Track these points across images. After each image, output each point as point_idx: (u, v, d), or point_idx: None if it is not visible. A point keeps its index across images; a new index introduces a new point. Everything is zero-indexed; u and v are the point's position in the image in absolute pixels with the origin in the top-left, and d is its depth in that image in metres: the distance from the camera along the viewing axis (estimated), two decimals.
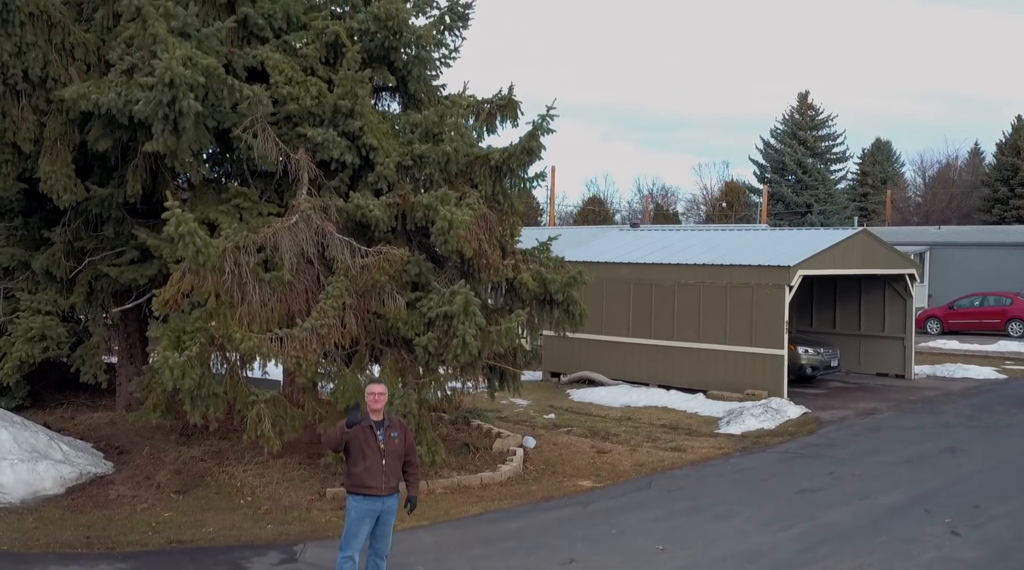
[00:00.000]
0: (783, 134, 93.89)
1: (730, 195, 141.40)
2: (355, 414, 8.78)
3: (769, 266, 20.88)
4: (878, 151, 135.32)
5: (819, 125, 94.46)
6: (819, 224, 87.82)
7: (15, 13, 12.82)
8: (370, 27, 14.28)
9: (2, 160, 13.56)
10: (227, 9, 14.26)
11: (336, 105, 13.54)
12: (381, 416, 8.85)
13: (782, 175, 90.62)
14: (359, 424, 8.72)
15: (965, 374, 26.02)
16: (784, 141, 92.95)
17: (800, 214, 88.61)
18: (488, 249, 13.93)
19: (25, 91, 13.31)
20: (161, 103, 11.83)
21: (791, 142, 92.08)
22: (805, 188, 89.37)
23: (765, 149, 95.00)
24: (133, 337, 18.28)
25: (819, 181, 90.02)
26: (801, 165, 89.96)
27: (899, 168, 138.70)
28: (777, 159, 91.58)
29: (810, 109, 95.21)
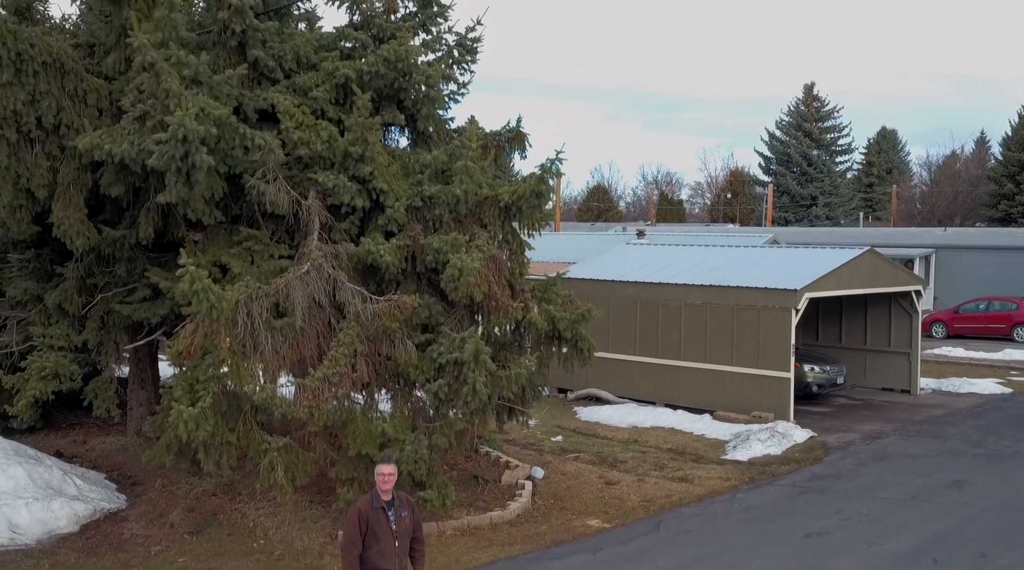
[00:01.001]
0: (788, 126, 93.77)
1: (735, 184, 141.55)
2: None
3: (776, 289, 20.96)
4: (884, 140, 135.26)
5: (824, 117, 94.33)
6: (824, 217, 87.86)
7: (29, 62, 12.91)
8: (380, 69, 14.35)
9: (16, 205, 13.66)
10: (238, 51, 14.33)
11: (347, 151, 13.64)
12: (391, 496, 8.97)
13: (787, 167, 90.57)
14: (372, 508, 8.85)
15: (971, 389, 26.10)
16: (789, 133, 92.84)
17: (805, 207, 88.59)
18: (497, 290, 14.02)
19: (39, 138, 13.40)
20: (174, 157, 11.93)
21: (796, 134, 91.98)
22: (810, 180, 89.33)
23: (770, 140, 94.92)
24: (144, 361, 18.45)
25: (824, 173, 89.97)
26: (806, 157, 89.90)
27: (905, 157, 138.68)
28: (782, 151, 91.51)
29: (815, 100, 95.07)
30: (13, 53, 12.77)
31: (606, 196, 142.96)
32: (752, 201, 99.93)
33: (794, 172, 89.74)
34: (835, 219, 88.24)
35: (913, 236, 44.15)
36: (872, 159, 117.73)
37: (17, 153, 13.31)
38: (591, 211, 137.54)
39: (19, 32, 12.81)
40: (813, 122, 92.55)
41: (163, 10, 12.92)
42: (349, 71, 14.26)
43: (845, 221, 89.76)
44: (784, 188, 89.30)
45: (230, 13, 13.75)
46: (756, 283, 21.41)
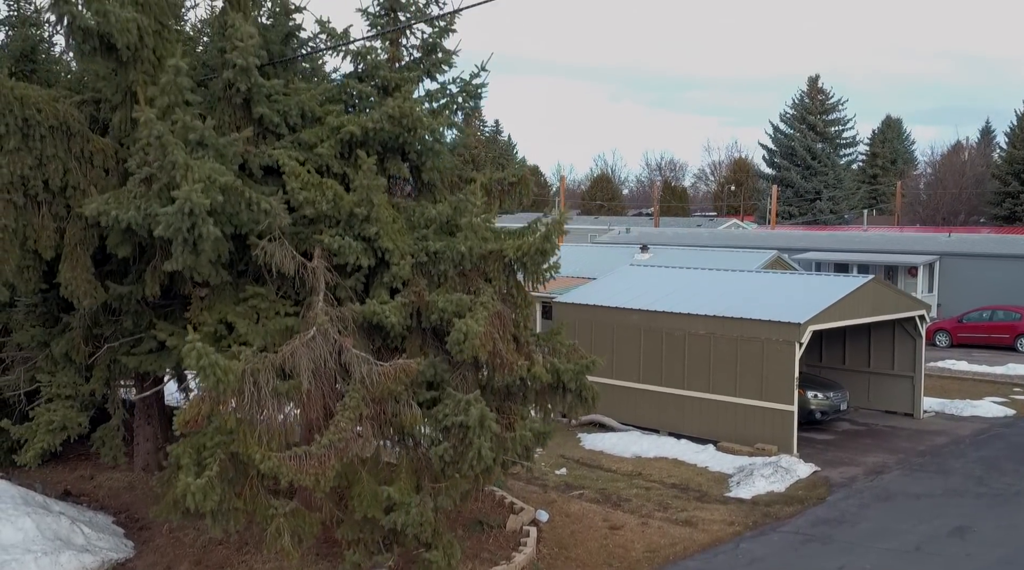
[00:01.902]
0: (792, 118, 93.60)
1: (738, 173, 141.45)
2: None
3: (779, 322, 21.00)
4: (888, 129, 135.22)
5: (829, 109, 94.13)
6: (829, 210, 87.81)
7: (36, 127, 12.96)
8: (384, 126, 14.36)
9: (24, 265, 13.72)
10: (243, 107, 14.36)
11: (352, 211, 13.67)
12: None
13: (791, 161, 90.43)
14: None
15: (973, 411, 26.16)
16: (793, 125, 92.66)
17: (809, 201, 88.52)
18: (502, 347, 14.06)
19: (45, 200, 13.47)
20: (180, 229, 11.97)
21: (800, 127, 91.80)
22: (815, 174, 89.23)
23: (774, 133, 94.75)
24: (150, 397, 18.57)
25: (828, 167, 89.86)
26: (810, 150, 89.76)
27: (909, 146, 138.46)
28: (786, 145, 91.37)
29: (820, 93, 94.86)
30: (20, 119, 12.82)
31: (609, 185, 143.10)
32: (756, 194, 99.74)
33: (798, 166, 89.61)
34: (839, 213, 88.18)
35: (917, 242, 44.12)
36: (876, 150, 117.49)
37: (24, 216, 13.38)
38: (595, 201, 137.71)
39: (26, 97, 12.85)
40: (817, 115, 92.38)
41: (169, 75, 12.93)
42: (354, 128, 14.27)
43: (849, 216, 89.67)
44: (788, 182, 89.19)
45: (235, 72, 13.76)
46: (760, 315, 21.44)
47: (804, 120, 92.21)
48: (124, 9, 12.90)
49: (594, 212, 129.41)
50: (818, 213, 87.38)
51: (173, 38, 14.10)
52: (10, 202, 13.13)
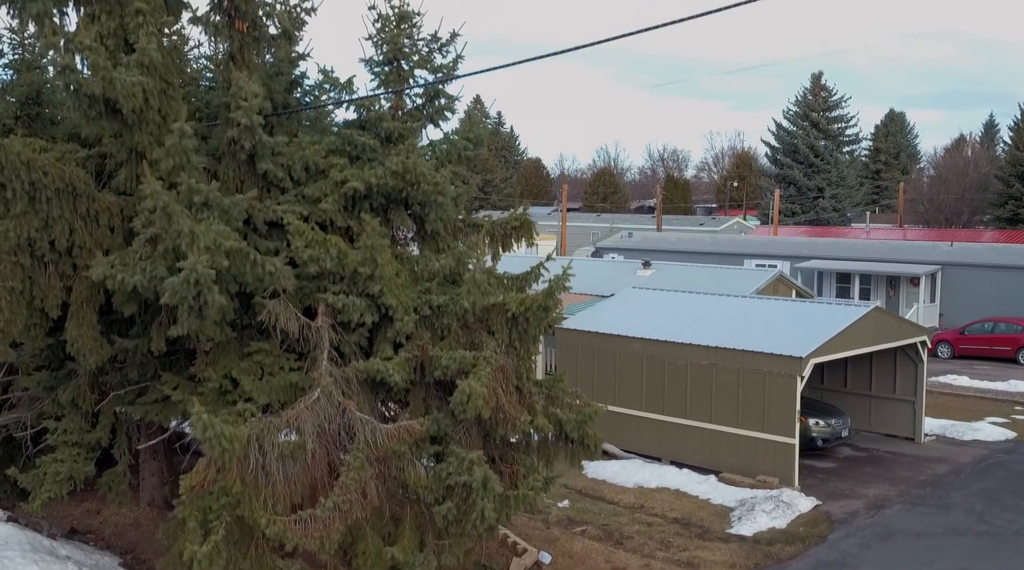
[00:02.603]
0: (795, 115, 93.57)
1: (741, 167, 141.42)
2: None
3: (781, 356, 21.10)
4: (892, 123, 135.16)
5: (832, 106, 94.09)
6: (831, 208, 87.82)
7: (42, 190, 13.04)
8: (388, 181, 14.46)
9: (31, 323, 13.82)
10: (247, 163, 14.46)
11: (356, 270, 13.77)
12: None
13: (794, 158, 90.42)
14: None
15: (974, 436, 26.28)
16: (796, 123, 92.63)
17: (812, 198, 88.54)
18: (505, 402, 14.17)
19: (52, 260, 13.54)
20: (186, 297, 12.07)
21: (803, 124, 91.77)
22: (817, 172, 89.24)
23: (778, 131, 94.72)
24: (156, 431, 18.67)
25: (831, 164, 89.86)
26: (813, 148, 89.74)
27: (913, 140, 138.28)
28: (789, 142, 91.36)
29: (823, 90, 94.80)
30: (27, 183, 12.90)
31: (612, 178, 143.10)
32: (759, 191, 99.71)
33: (801, 163, 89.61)
34: (841, 211, 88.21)
35: (919, 251, 44.17)
36: (880, 145, 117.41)
37: (31, 276, 13.46)
38: (597, 194, 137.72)
39: (33, 161, 12.92)
40: (820, 112, 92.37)
41: (174, 138, 13.01)
42: (358, 184, 14.37)
43: (852, 213, 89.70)
44: (791, 179, 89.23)
45: (239, 131, 13.86)
46: (761, 347, 21.54)
47: (807, 117, 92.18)
48: (130, 72, 12.95)
49: (596, 209, 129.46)
50: (820, 211, 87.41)
51: (178, 95, 14.14)
52: (17, 264, 13.22)
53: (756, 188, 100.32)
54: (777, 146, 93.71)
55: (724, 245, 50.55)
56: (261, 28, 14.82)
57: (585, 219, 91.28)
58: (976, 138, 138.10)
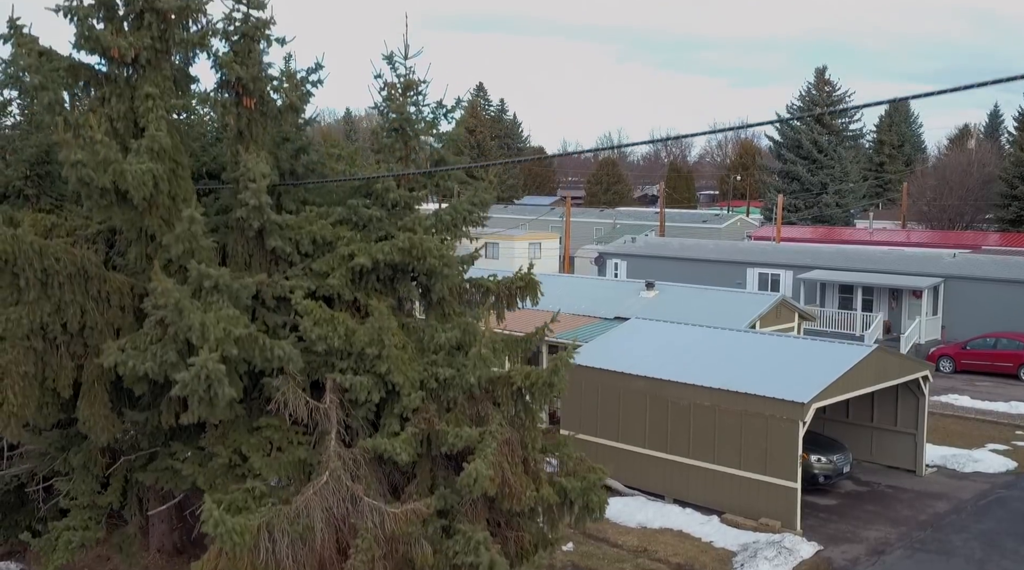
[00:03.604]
0: (799, 110, 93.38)
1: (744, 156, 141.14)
2: None
3: (783, 400, 21.28)
4: (896, 112, 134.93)
5: (836, 101, 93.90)
6: (834, 204, 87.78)
7: (54, 276, 13.23)
8: (395, 257, 14.64)
9: (43, 402, 14.02)
10: (256, 239, 14.64)
11: (364, 350, 13.96)
12: None
13: (798, 154, 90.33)
14: None
15: (975, 467, 26.48)
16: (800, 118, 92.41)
17: (815, 194, 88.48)
18: (511, 476, 14.39)
19: (63, 342, 13.75)
20: (196, 391, 12.28)
21: (807, 119, 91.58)
22: (821, 167, 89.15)
23: (781, 126, 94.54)
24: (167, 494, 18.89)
25: (835, 160, 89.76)
26: (816, 144, 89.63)
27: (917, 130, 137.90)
28: (793, 137, 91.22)
29: (827, 85, 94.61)
30: (39, 270, 13.09)
31: (615, 169, 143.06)
32: (762, 186, 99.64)
33: (804, 159, 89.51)
34: (845, 207, 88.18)
35: (922, 262, 44.29)
36: (884, 137, 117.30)
37: (43, 358, 13.67)
38: (600, 185, 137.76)
39: (45, 248, 13.10)
40: (824, 107, 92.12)
41: (184, 225, 13.19)
42: (364, 261, 14.55)
43: (855, 210, 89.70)
44: (794, 175, 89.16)
45: (248, 210, 14.04)
46: (764, 391, 21.70)
47: (810, 111, 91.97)
48: (139, 158, 13.12)
49: (600, 199, 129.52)
50: (824, 207, 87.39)
51: (187, 173, 14.31)
52: (30, 348, 13.43)
53: (760, 184, 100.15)
54: (781, 141, 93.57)
55: (727, 252, 50.65)
56: (268, 103, 14.97)
57: (588, 215, 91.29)
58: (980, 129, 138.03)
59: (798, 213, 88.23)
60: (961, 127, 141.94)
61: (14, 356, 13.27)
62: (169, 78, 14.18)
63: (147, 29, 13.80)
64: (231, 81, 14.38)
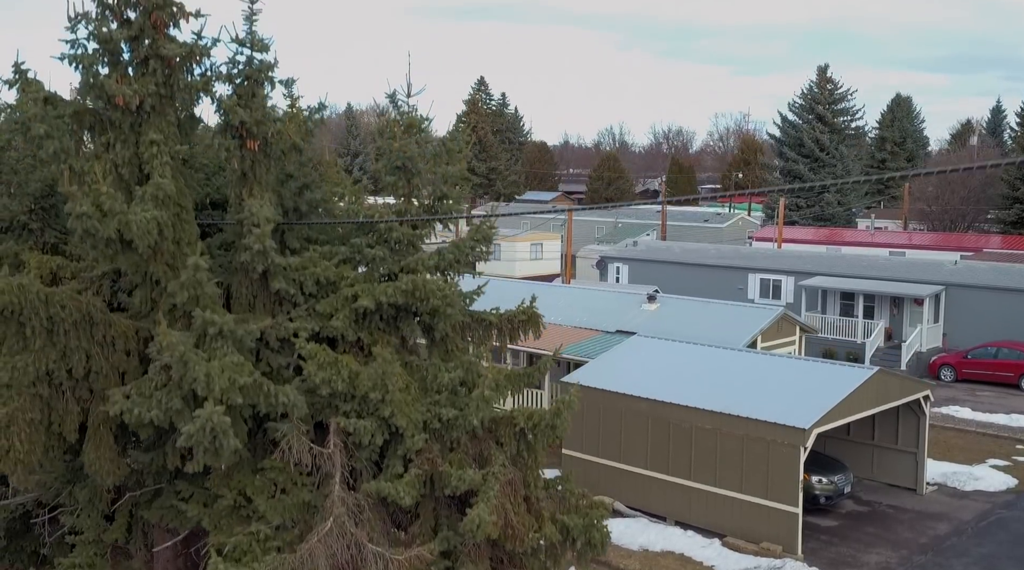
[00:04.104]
0: (801, 108, 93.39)
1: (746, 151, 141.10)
2: None
3: (784, 426, 21.38)
4: (898, 108, 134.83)
5: (838, 99, 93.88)
6: (836, 203, 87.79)
7: (60, 324, 13.28)
8: (398, 299, 14.71)
9: (49, 445, 14.10)
10: (261, 282, 14.70)
11: (367, 395, 14.05)
12: None
13: (800, 153, 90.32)
14: None
15: (976, 485, 26.59)
16: (802, 116, 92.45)
17: (817, 193, 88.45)
18: (514, 517, 14.49)
19: (69, 387, 13.82)
20: (202, 442, 12.37)
21: (809, 117, 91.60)
22: (823, 166, 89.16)
23: (783, 124, 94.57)
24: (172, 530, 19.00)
25: (837, 158, 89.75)
26: (818, 142, 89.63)
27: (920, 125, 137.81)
28: (794, 136, 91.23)
29: (829, 82, 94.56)
30: (45, 318, 13.14)
31: (617, 164, 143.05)
32: (764, 184, 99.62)
33: (806, 158, 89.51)
34: (846, 206, 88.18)
35: (923, 269, 44.33)
36: (885, 134, 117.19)
37: (49, 403, 13.75)
38: (602, 180, 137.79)
39: (51, 296, 13.15)
40: (826, 105, 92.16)
41: (189, 273, 13.26)
42: (368, 303, 14.60)
43: (856, 210, 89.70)
44: (796, 174, 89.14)
45: (252, 255, 14.09)
46: (765, 415, 21.80)
47: (812, 110, 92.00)
48: (144, 206, 13.18)
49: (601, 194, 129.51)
50: (825, 205, 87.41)
51: (191, 217, 14.38)
52: (36, 395, 13.50)
53: (762, 181, 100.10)
54: (782, 139, 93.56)
55: (728, 257, 50.68)
56: (272, 145, 15.01)
57: (589, 214, 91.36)
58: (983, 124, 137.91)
59: (800, 212, 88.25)
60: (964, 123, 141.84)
61: (20, 404, 13.34)
62: (173, 123, 14.22)
63: (151, 75, 13.84)
64: (235, 125, 14.41)
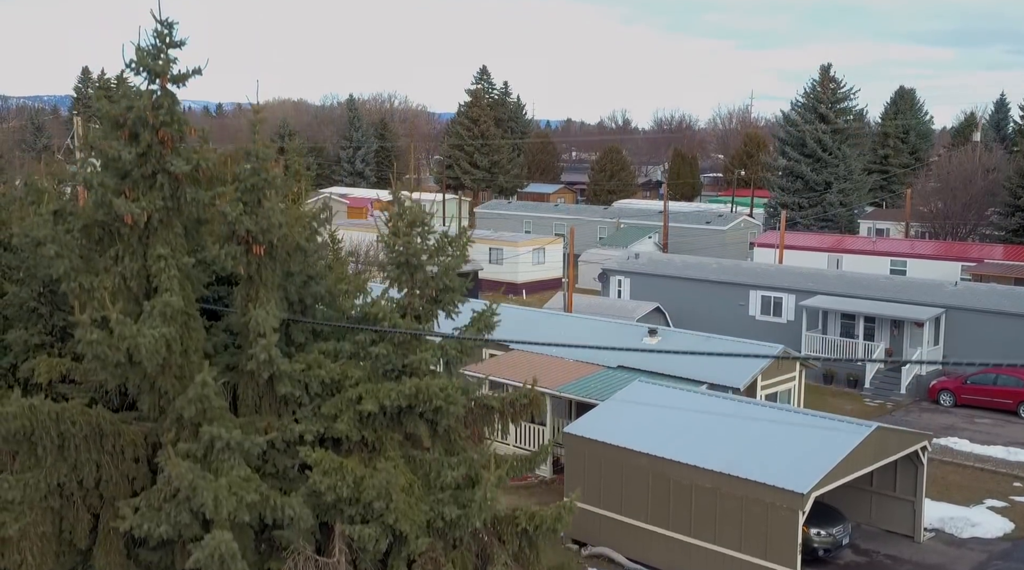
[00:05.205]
0: (804, 107, 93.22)
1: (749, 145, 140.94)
2: None
3: (783, 490, 21.64)
4: (901, 100, 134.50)
5: (841, 99, 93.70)
6: (839, 203, 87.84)
7: (71, 439, 13.58)
8: (401, 403, 14.98)
9: (58, 551, 14.40)
10: (267, 386, 14.96)
11: (371, 504, 14.33)
12: None
13: (802, 152, 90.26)
14: None
15: (973, 532, 26.87)
16: (804, 116, 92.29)
17: (819, 193, 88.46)
18: None
19: (80, 496, 14.11)
20: (210, 566, 12.66)
21: (811, 117, 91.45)
22: (825, 166, 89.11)
23: (786, 124, 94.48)
24: None
25: (839, 158, 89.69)
26: (821, 143, 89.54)
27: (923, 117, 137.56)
28: (797, 136, 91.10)
29: (831, 81, 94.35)
30: (56, 435, 13.44)
31: (619, 156, 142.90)
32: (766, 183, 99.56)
33: (808, 158, 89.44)
34: (848, 206, 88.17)
35: (924, 291, 44.46)
36: (888, 129, 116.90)
37: (61, 514, 14.04)
38: (604, 172, 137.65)
39: (62, 414, 13.45)
40: (829, 105, 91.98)
41: (196, 389, 13.51)
42: (372, 407, 14.88)
43: (858, 209, 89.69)
44: (798, 173, 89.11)
45: (258, 364, 14.34)
46: (764, 478, 22.05)
47: (815, 110, 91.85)
48: (151, 323, 13.42)
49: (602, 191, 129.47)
50: (828, 206, 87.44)
51: (199, 324, 14.63)
52: (48, 509, 13.80)
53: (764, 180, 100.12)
54: (785, 139, 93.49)
55: (730, 273, 50.83)
56: (277, 248, 15.23)
57: (591, 213, 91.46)
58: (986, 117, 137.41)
59: (802, 211, 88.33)
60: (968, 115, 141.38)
61: (32, 518, 13.65)
62: (180, 234, 14.45)
63: (159, 190, 14.06)
64: (241, 234, 14.64)
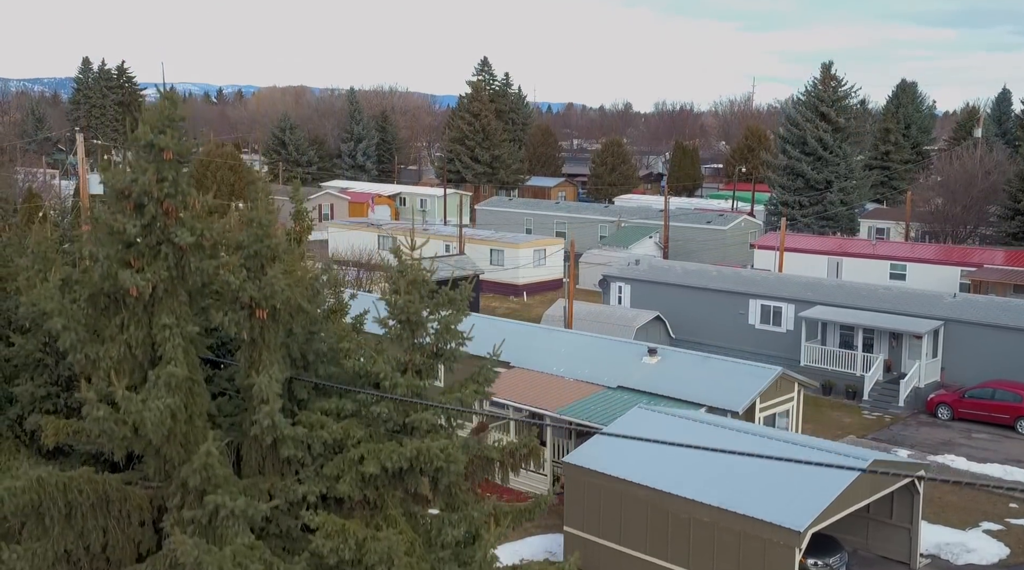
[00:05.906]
0: (805, 106, 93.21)
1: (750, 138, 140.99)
2: None
3: (780, 527, 21.92)
4: (903, 94, 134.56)
5: (842, 97, 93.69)
6: (839, 202, 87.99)
7: (78, 508, 13.82)
8: (403, 465, 15.23)
9: None
10: (271, 448, 15.21)
11: (374, 567, 14.58)
12: None
13: (803, 151, 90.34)
14: None
15: (968, 558, 27.19)
16: (805, 115, 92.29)
17: (819, 191, 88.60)
18: None
19: (86, 562, 14.37)
20: None
21: (812, 116, 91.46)
22: (826, 165, 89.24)
23: (787, 123, 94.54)
24: None
25: (840, 157, 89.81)
26: (821, 141, 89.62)
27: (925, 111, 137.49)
28: (798, 135, 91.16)
29: (832, 79, 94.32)
30: (63, 504, 13.68)
31: (620, 149, 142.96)
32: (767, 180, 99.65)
33: (809, 156, 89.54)
34: (849, 204, 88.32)
35: (922, 302, 44.67)
36: (889, 125, 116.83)
37: None
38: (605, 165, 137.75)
39: (69, 483, 13.67)
40: (830, 104, 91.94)
41: (201, 458, 13.75)
42: (374, 469, 15.12)
43: (858, 209, 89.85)
44: (799, 172, 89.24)
45: (262, 429, 14.59)
46: (761, 514, 22.34)
47: (816, 109, 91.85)
48: (156, 393, 13.66)
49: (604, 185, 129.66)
50: (828, 205, 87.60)
51: (203, 389, 14.86)
52: None
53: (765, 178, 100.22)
54: (786, 137, 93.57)
55: (730, 281, 51.05)
56: (280, 311, 15.45)
57: (592, 211, 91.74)
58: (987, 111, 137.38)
59: (803, 210, 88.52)
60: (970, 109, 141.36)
61: None
62: (185, 302, 14.66)
63: (164, 260, 14.26)
64: (243, 299, 14.86)
